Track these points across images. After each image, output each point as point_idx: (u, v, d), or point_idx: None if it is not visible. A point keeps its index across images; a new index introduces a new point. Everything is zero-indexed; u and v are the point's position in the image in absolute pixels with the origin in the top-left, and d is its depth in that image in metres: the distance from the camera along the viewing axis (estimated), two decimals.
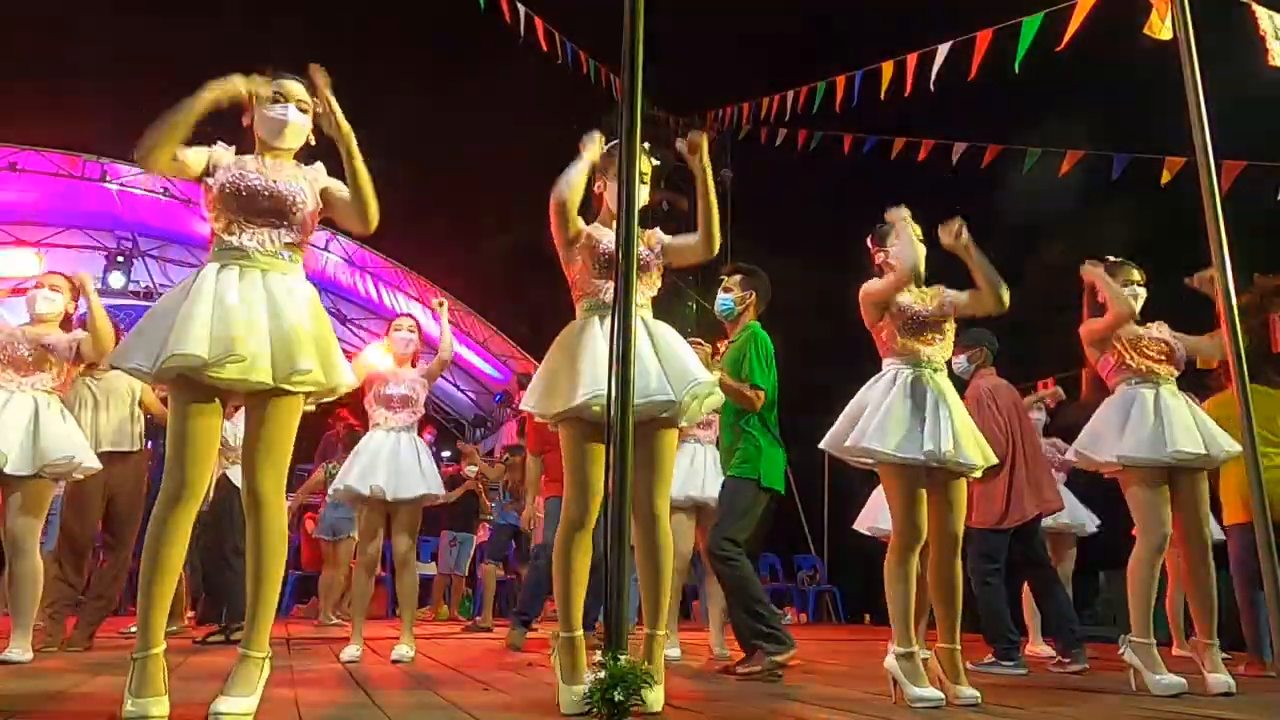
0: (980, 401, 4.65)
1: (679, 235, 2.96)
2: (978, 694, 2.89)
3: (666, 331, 2.83)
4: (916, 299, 3.15)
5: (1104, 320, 3.62)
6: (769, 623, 3.68)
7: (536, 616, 5.33)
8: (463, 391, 15.26)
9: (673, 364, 2.71)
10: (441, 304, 4.94)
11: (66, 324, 4.14)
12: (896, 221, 3.17)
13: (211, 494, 4.94)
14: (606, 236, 2.82)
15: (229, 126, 2.55)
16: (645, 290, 2.87)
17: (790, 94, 7.23)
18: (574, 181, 2.81)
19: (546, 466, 5.46)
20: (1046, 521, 4.95)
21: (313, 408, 2.64)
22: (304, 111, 2.55)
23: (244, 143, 2.57)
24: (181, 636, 5.21)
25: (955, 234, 3.09)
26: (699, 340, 4.70)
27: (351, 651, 4.07)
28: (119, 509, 4.60)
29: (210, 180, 2.45)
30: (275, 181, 2.46)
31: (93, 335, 3.97)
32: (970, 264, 3.10)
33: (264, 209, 2.43)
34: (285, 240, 2.46)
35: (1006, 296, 3.07)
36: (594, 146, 2.86)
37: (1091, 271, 3.68)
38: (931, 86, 5.88)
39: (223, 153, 2.50)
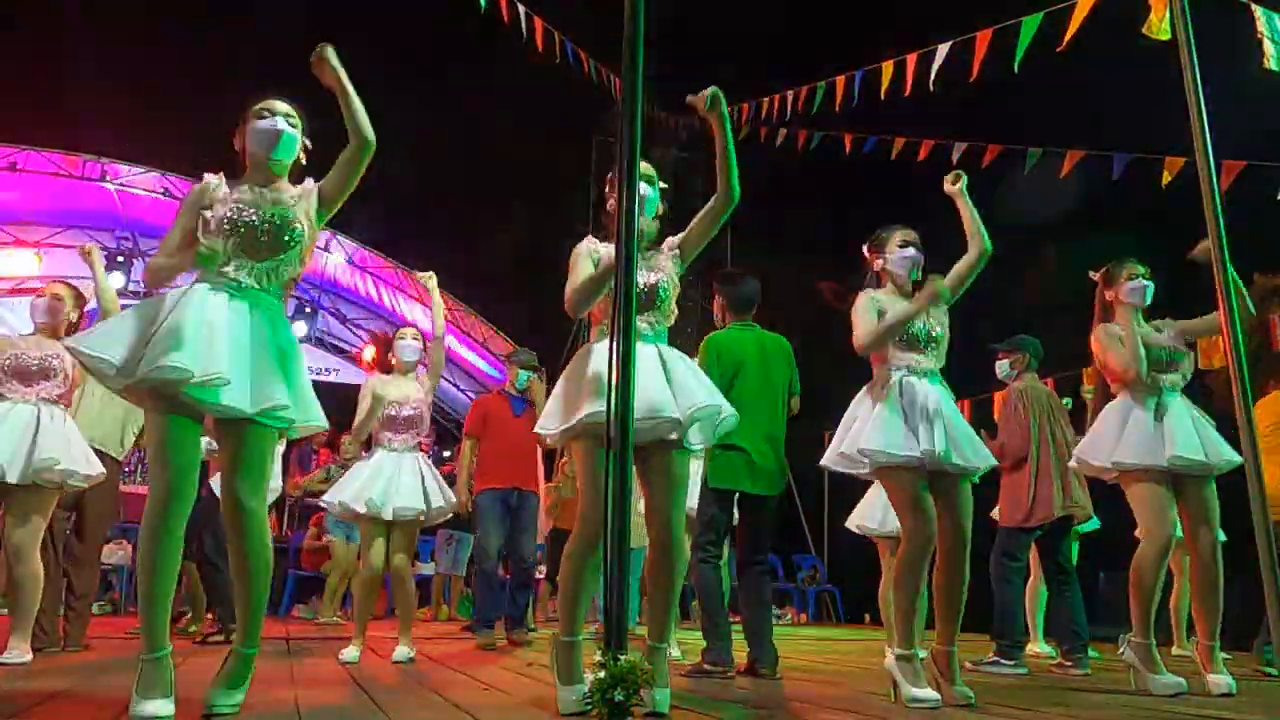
0: (1008, 401, 4.69)
1: (691, 222, 2.92)
2: (972, 694, 2.90)
3: (679, 359, 2.82)
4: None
5: (1116, 367, 3.61)
6: (714, 634, 3.80)
7: (499, 618, 5.31)
8: (462, 391, 15.26)
9: (682, 389, 2.71)
10: (430, 276, 4.71)
11: (70, 331, 4.13)
12: (923, 297, 3.09)
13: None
14: None
15: (227, 155, 2.55)
16: (657, 320, 2.82)
17: (790, 94, 7.23)
18: (588, 297, 2.74)
19: (481, 455, 5.39)
20: None
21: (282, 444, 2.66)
22: (293, 126, 2.54)
23: (233, 168, 2.54)
24: (185, 637, 5.21)
25: (954, 181, 3.21)
26: None
27: (350, 653, 4.07)
28: (86, 506, 4.53)
29: (207, 214, 2.42)
30: (273, 216, 2.43)
31: (102, 314, 4.00)
32: (962, 210, 3.20)
33: (260, 245, 2.41)
34: (280, 275, 2.45)
35: (989, 243, 3.16)
36: (606, 264, 2.68)
37: (1104, 335, 3.67)
38: (931, 86, 5.88)
39: (216, 184, 2.47)
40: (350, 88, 2.48)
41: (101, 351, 2.27)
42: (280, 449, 6.94)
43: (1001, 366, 4.88)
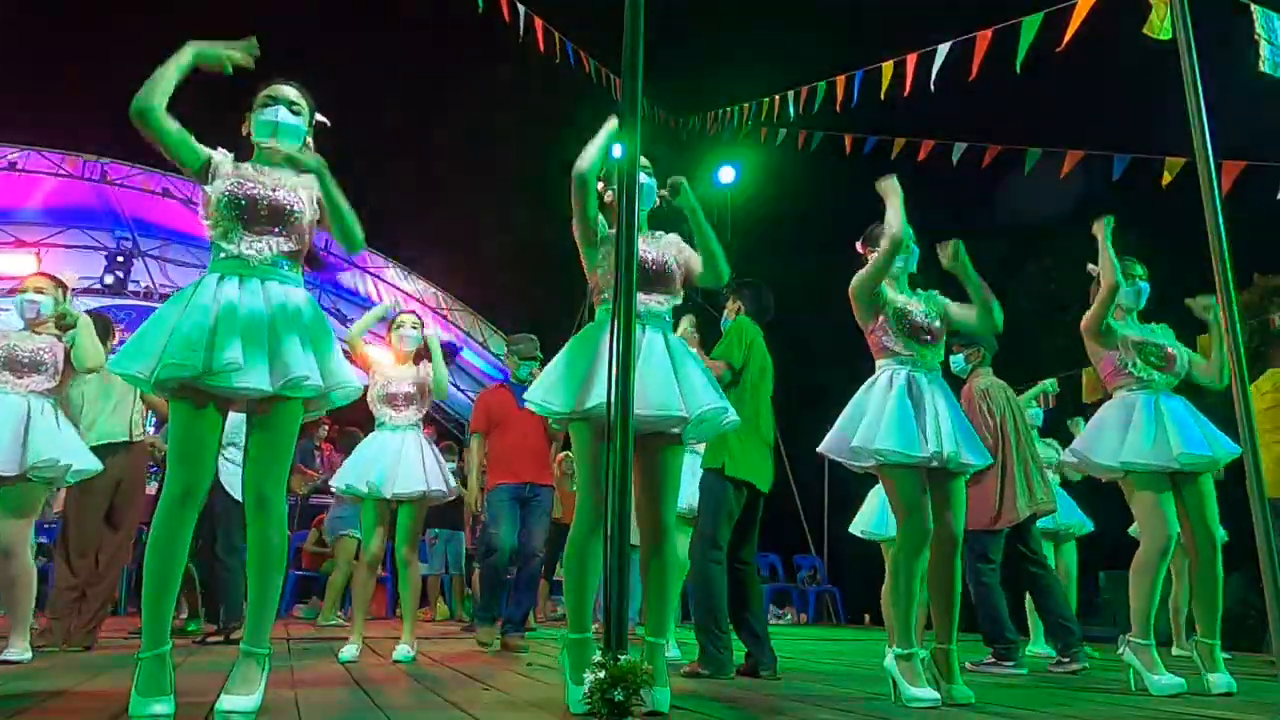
0: (972, 402, 4.65)
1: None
2: (972, 694, 2.91)
3: (684, 350, 2.82)
4: (913, 302, 3.15)
5: (1097, 298, 3.62)
6: (715, 644, 3.75)
7: (499, 616, 5.26)
8: (463, 391, 15.25)
9: (687, 383, 2.71)
10: (429, 333, 4.66)
11: (62, 320, 4.13)
12: (886, 190, 3.13)
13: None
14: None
15: (230, 136, 2.57)
16: (666, 298, 2.86)
17: (790, 94, 7.22)
18: (592, 155, 2.78)
19: (491, 450, 5.26)
20: (1044, 522, 4.94)
21: (315, 416, 2.67)
22: (296, 114, 2.57)
23: (243, 152, 2.58)
24: (184, 637, 5.20)
25: (952, 256, 3.15)
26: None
27: (350, 650, 4.07)
28: (119, 498, 4.59)
29: (209, 188, 2.46)
30: (274, 190, 2.47)
31: (79, 354, 3.99)
32: (966, 283, 3.15)
33: (263, 218, 2.44)
34: (283, 249, 2.47)
35: (999, 317, 3.14)
36: (612, 122, 2.81)
37: (1100, 230, 3.65)
38: (931, 86, 5.87)
39: (222, 159, 2.50)
40: (340, 202, 2.51)
41: (128, 367, 2.31)
42: None
43: (956, 360, 4.81)
